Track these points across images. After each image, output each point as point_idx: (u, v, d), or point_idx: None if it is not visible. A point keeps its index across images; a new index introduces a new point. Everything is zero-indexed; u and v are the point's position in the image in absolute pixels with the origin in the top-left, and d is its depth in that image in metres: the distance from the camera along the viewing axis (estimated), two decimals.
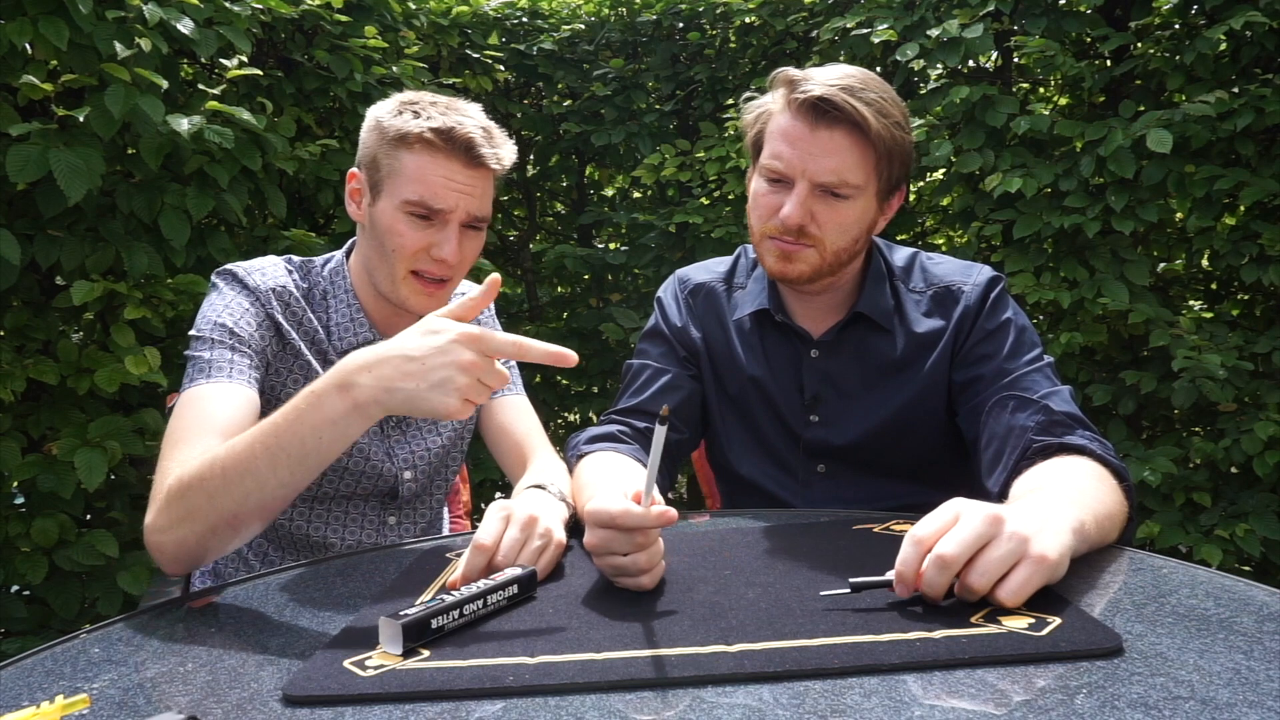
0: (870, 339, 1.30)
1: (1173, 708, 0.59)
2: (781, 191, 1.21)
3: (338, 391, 0.91)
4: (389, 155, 1.19)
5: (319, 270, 1.31)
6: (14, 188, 1.88)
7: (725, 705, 0.62)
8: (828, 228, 1.20)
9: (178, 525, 0.96)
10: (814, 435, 1.32)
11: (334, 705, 0.65)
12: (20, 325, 1.98)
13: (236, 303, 1.21)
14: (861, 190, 1.20)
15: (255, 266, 1.25)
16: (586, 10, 3.61)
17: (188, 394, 1.12)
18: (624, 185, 4.00)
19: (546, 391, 3.61)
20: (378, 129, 1.21)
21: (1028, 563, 0.74)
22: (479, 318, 1.44)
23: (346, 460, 1.28)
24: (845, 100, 1.15)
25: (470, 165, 1.18)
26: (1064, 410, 1.13)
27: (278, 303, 1.24)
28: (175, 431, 1.07)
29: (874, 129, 1.15)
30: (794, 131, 1.18)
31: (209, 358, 1.15)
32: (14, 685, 0.72)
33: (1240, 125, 2.33)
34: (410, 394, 0.88)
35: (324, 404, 0.91)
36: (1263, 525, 2.34)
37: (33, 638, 2.06)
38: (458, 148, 1.17)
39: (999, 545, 0.75)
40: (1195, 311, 2.82)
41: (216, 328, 1.17)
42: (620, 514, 0.83)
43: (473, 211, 1.21)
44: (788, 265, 1.23)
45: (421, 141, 1.17)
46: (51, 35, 1.78)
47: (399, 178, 1.18)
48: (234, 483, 0.93)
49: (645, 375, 1.36)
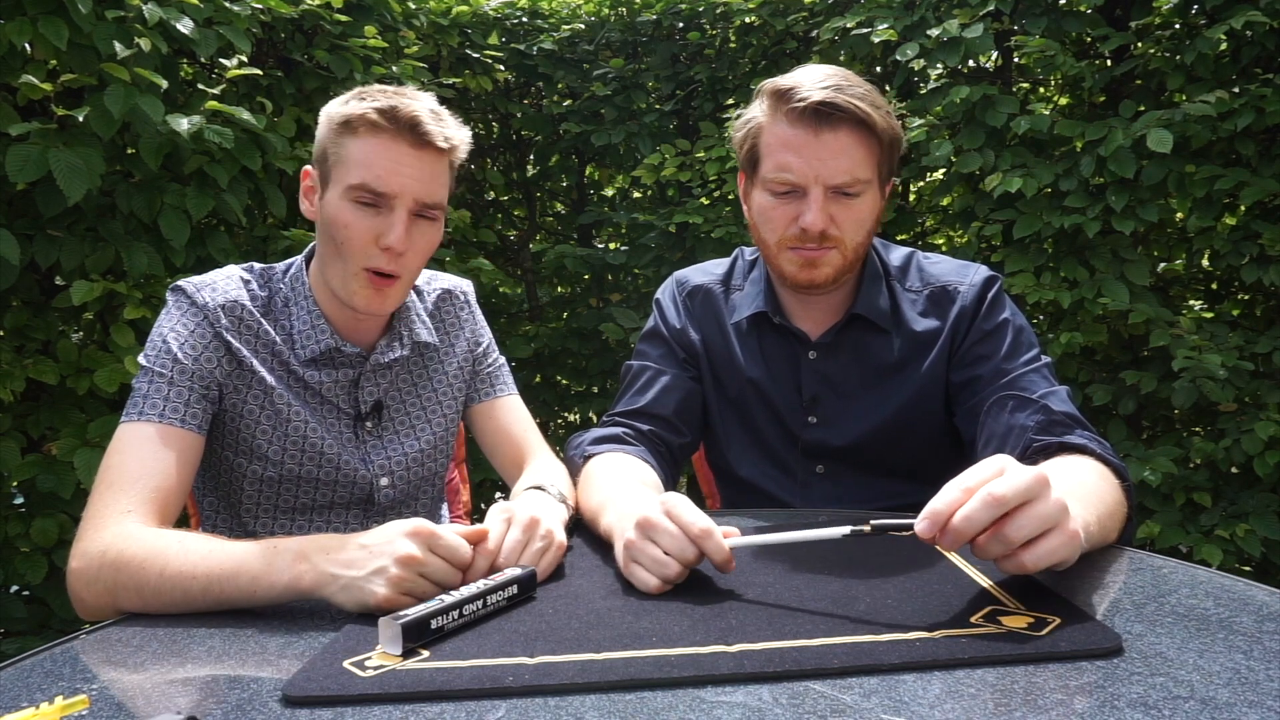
0: (868, 340, 1.30)
1: (1172, 708, 0.59)
2: (793, 201, 1.21)
3: (293, 559, 0.89)
4: (335, 144, 1.15)
5: (280, 277, 1.26)
6: (14, 187, 1.88)
7: (725, 705, 0.62)
8: (847, 226, 1.21)
9: (104, 593, 0.96)
10: (812, 436, 1.32)
11: (334, 705, 0.65)
12: (20, 325, 1.98)
13: (182, 324, 1.17)
14: (870, 184, 1.21)
15: (206, 282, 1.21)
16: (586, 10, 3.61)
17: (122, 432, 1.10)
18: (624, 185, 4.00)
19: (546, 391, 3.61)
20: (326, 120, 1.17)
21: (1060, 532, 0.74)
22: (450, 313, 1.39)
23: (316, 471, 1.24)
24: (846, 100, 1.15)
25: (417, 146, 1.13)
26: (1063, 410, 1.13)
27: (227, 319, 1.19)
28: (104, 476, 1.06)
29: (878, 123, 1.17)
30: (797, 139, 1.18)
31: (146, 391, 1.13)
32: (13, 686, 0.72)
33: (1240, 125, 2.33)
34: (346, 582, 0.86)
35: (275, 564, 0.89)
36: (1263, 525, 2.34)
37: (32, 638, 2.06)
38: (402, 127, 1.12)
39: (1043, 504, 0.74)
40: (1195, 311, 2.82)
41: (160, 355, 1.15)
42: (703, 532, 0.85)
43: (421, 197, 1.15)
44: (814, 271, 1.23)
45: (365, 124, 1.12)
46: (51, 35, 1.78)
47: (344, 165, 1.14)
48: (165, 591, 0.92)
49: (645, 377, 1.36)
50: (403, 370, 1.32)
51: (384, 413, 1.29)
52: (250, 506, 1.25)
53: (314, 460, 1.23)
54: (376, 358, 1.26)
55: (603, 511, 1.03)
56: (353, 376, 1.26)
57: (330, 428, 1.24)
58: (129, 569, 0.95)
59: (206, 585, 0.91)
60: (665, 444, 1.32)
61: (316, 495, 1.26)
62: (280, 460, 1.22)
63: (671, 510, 0.87)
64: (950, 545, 0.75)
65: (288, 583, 0.88)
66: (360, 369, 1.26)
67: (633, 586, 0.88)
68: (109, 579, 0.96)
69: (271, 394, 1.20)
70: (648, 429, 1.31)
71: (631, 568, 0.88)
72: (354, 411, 1.27)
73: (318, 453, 1.23)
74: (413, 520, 0.89)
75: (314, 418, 1.23)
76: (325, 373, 1.24)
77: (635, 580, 0.87)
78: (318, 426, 1.23)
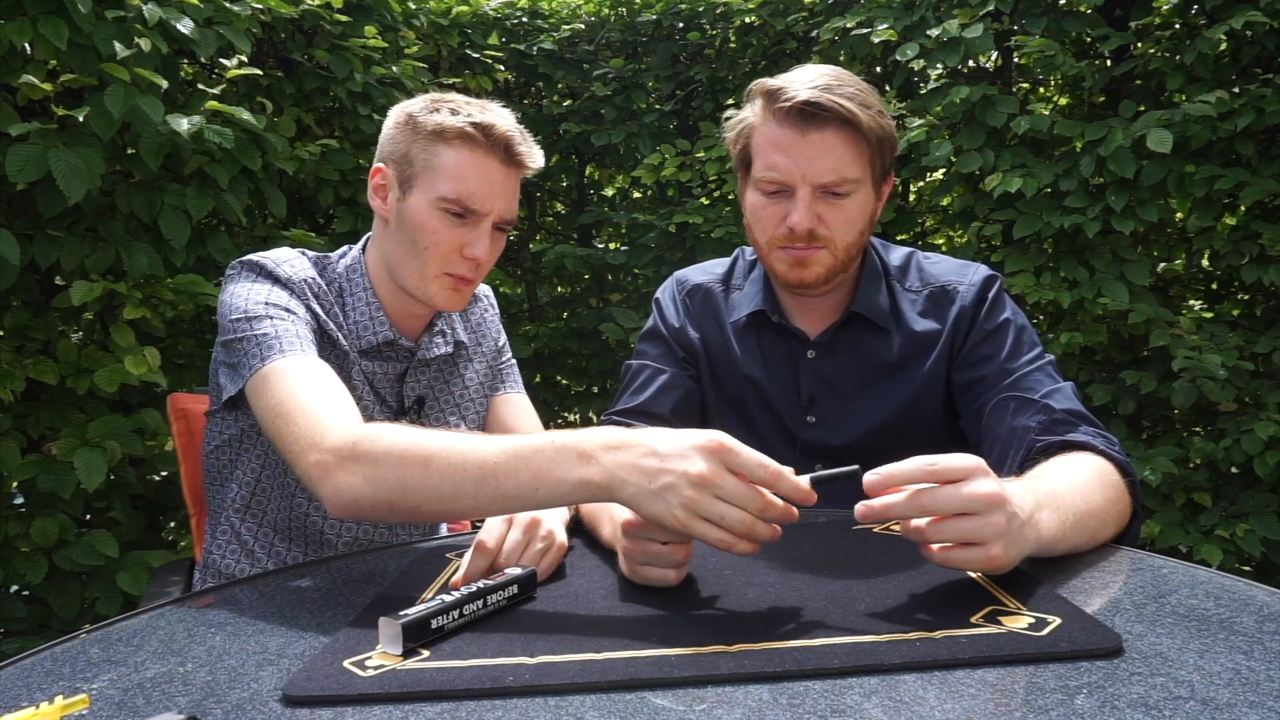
0: (867, 339, 1.30)
1: (1173, 708, 0.59)
2: (782, 200, 1.21)
3: (577, 457, 0.83)
4: (425, 150, 1.17)
5: (334, 266, 1.28)
6: (14, 188, 1.88)
7: (725, 705, 0.62)
8: (835, 226, 1.21)
9: (363, 483, 0.91)
10: (811, 436, 1.32)
11: (334, 705, 0.65)
12: (20, 325, 1.98)
13: (275, 292, 1.15)
14: (860, 184, 1.21)
15: (282, 258, 1.21)
16: (586, 10, 3.61)
17: (273, 367, 1.05)
18: (624, 185, 4.00)
19: (546, 392, 3.61)
20: (410, 123, 1.18)
21: (981, 552, 0.78)
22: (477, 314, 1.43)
23: None
24: (831, 100, 1.15)
25: (507, 164, 1.17)
26: (1065, 408, 1.13)
27: (311, 294, 1.20)
28: (291, 399, 1.01)
29: (864, 122, 1.17)
30: (785, 139, 1.19)
31: (276, 333, 1.09)
32: (13, 685, 0.72)
33: (1240, 125, 2.33)
34: (635, 491, 0.80)
35: (558, 460, 0.83)
36: (1263, 525, 2.34)
37: (32, 638, 2.06)
38: (497, 145, 1.16)
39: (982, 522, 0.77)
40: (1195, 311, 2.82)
41: (268, 304, 1.12)
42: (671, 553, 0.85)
43: (504, 214, 1.20)
44: (803, 271, 1.23)
45: (462, 136, 1.15)
46: (51, 35, 1.78)
47: (435, 173, 1.16)
48: (433, 484, 0.88)
49: (644, 375, 1.36)
50: (443, 368, 1.36)
51: (424, 407, 1.33)
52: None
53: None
54: (423, 353, 1.30)
55: (603, 521, 1.03)
56: (399, 370, 1.30)
57: (375, 414, 1.28)
58: (388, 460, 0.89)
59: (480, 477, 0.85)
60: None
61: None
62: None
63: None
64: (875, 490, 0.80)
65: (576, 481, 0.82)
66: (408, 363, 1.30)
67: (633, 587, 0.88)
68: (367, 471, 0.90)
69: (349, 369, 1.22)
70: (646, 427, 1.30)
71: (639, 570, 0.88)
72: (397, 405, 1.30)
73: None
74: (709, 432, 0.81)
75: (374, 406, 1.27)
76: (376, 364, 1.28)
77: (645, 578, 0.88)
78: (376, 414, 1.26)
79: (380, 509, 0.92)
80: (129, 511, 2.22)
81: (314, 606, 0.89)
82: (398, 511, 0.91)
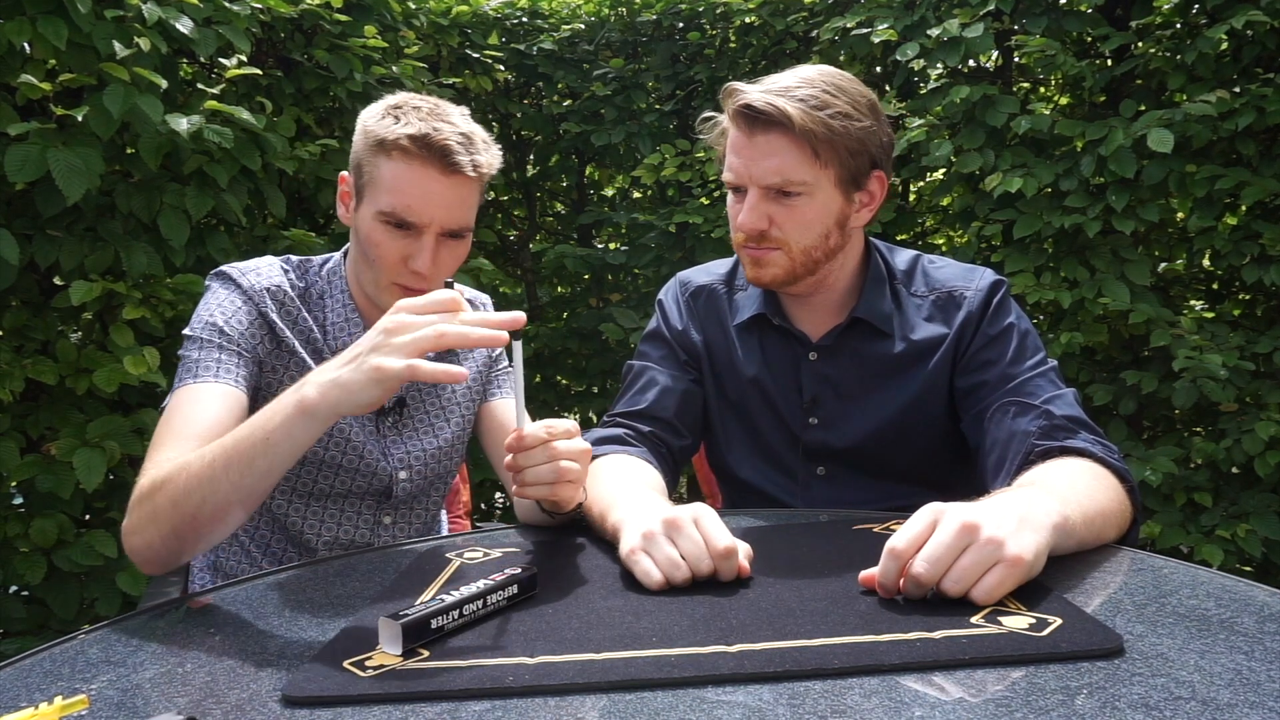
0: (869, 343, 1.30)
1: (1174, 709, 0.59)
2: (742, 201, 1.23)
3: (292, 394, 0.91)
4: (370, 161, 1.18)
5: (317, 270, 1.31)
6: (13, 187, 1.88)
7: (725, 705, 0.62)
8: (788, 228, 1.21)
9: (144, 528, 0.98)
10: (813, 437, 1.32)
11: (333, 706, 0.65)
12: (19, 325, 1.98)
13: (229, 301, 1.21)
14: (813, 186, 1.20)
15: (250, 267, 1.25)
16: (586, 10, 3.61)
17: (175, 396, 1.13)
18: (624, 185, 4.00)
19: (546, 392, 3.61)
20: (363, 133, 1.20)
21: (1002, 566, 0.77)
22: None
23: (340, 457, 1.27)
24: (769, 103, 1.15)
25: (447, 173, 1.16)
26: (1065, 414, 1.13)
27: (271, 302, 1.23)
28: (158, 435, 1.08)
29: (799, 124, 1.15)
30: (738, 141, 1.21)
31: (197, 358, 1.16)
32: (12, 686, 0.72)
33: (1241, 125, 2.33)
34: (345, 383, 0.88)
35: (277, 407, 0.92)
36: (1264, 525, 2.34)
37: (31, 638, 2.06)
38: (434, 155, 1.14)
39: (973, 553, 0.77)
40: (1196, 311, 2.82)
41: (207, 327, 1.18)
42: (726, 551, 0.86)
43: (448, 224, 1.18)
44: (760, 270, 1.25)
45: (398, 149, 1.15)
46: (50, 35, 1.78)
47: (376, 186, 1.17)
48: (193, 488, 0.94)
49: (646, 378, 1.36)
50: None
51: (405, 410, 1.33)
52: None
53: (339, 446, 1.27)
54: None
55: (610, 510, 1.03)
56: None
57: (356, 419, 1.27)
58: (157, 491, 0.96)
59: (226, 461, 0.92)
60: (666, 445, 1.32)
61: (336, 482, 1.29)
62: None
63: (700, 520, 0.89)
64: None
65: (294, 404, 0.90)
66: None
67: (633, 586, 0.88)
68: (145, 512, 0.98)
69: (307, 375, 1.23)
70: (648, 430, 1.31)
71: (639, 556, 0.88)
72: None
73: (344, 439, 1.26)
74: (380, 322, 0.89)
75: None
76: None
77: (638, 569, 0.87)
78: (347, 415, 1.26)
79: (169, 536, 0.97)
80: None
81: (314, 606, 0.89)
82: (182, 535, 0.97)
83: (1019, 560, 0.77)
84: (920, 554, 0.78)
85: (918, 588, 0.78)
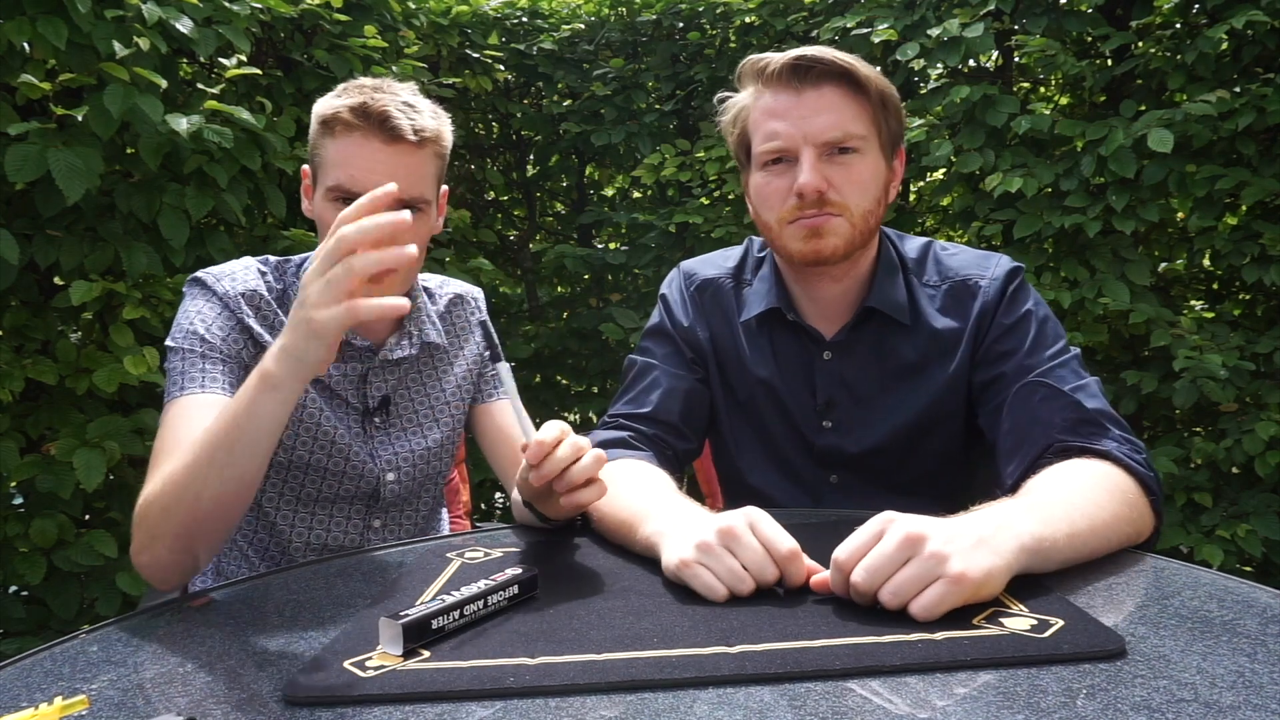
0: (886, 338, 1.23)
1: (1176, 710, 0.59)
2: (787, 171, 1.16)
3: (255, 372, 0.92)
4: (318, 144, 1.17)
5: (295, 269, 1.28)
6: (13, 187, 1.88)
7: (726, 706, 0.62)
8: (847, 189, 1.15)
9: (149, 544, 0.99)
10: (826, 442, 1.25)
11: (334, 706, 0.65)
12: (19, 325, 1.98)
13: (207, 308, 1.19)
14: (867, 141, 1.15)
15: (225, 272, 1.23)
16: (586, 10, 3.61)
17: (166, 412, 1.12)
18: (624, 185, 4.00)
19: (546, 392, 3.61)
20: (313, 118, 1.19)
21: (943, 582, 0.74)
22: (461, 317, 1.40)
23: (327, 460, 1.25)
24: (822, 54, 1.13)
25: (390, 141, 1.13)
26: (1095, 407, 1.07)
27: (248, 307, 1.21)
28: (154, 455, 1.07)
29: (862, 73, 1.13)
30: (781, 104, 1.15)
31: (182, 369, 1.15)
32: (12, 686, 0.72)
33: (1241, 125, 2.33)
34: (292, 347, 0.88)
35: (243, 389, 0.93)
36: (1264, 526, 2.34)
37: (31, 638, 2.06)
38: (373, 123, 1.12)
39: (914, 566, 0.75)
40: (1196, 311, 2.82)
41: (188, 336, 1.16)
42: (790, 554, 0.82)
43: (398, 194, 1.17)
44: (819, 242, 1.15)
45: (340, 123, 1.13)
46: (50, 34, 1.78)
47: (324, 166, 1.16)
48: (182, 490, 0.94)
49: (650, 377, 1.29)
50: (411, 369, 1.34)
51: (391, 409, 1.31)
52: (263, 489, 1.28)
53: (324, 449, 1.26)
54: (385, 354, 1.29)
55: (642, 520, 0.97)
56: (361, 371, 1.28)
57: (341, 420, 1.27)
58: (151, 507, 0.97)
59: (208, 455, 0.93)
60: (670, 449, 1.26)
61: (323, 486, 1.28)
62: (292, 445, 1.24)
63: (756, 525, 0.84)
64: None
65: (257, 380, 0.91)
66: (369, 364, 1.28)
67: (634, 587, 0.87)
68: (145, 532, 0.98)
69: None
70: (652, 433, 1.25)
71: (697, 570, 0.83)
72: (362, 406, 1.29)
73: (329, 441, 1.25)
74: None
75: (327, 408, 1.26)
76: (335, 366, 1.26)
77: (698, 584, 0.83)
78: (330, 415, 1.25)
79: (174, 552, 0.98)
80: (128, 512, 2.21)
81: (314, 606, 0.89)
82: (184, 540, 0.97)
83: (961, 578, 0.73)
84: (861, 563, 0.76)
85: (859, 597, 0.77)
